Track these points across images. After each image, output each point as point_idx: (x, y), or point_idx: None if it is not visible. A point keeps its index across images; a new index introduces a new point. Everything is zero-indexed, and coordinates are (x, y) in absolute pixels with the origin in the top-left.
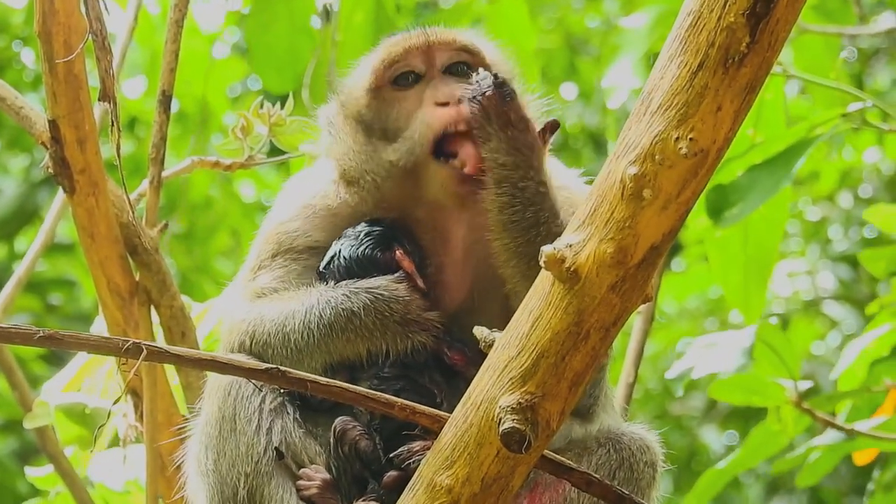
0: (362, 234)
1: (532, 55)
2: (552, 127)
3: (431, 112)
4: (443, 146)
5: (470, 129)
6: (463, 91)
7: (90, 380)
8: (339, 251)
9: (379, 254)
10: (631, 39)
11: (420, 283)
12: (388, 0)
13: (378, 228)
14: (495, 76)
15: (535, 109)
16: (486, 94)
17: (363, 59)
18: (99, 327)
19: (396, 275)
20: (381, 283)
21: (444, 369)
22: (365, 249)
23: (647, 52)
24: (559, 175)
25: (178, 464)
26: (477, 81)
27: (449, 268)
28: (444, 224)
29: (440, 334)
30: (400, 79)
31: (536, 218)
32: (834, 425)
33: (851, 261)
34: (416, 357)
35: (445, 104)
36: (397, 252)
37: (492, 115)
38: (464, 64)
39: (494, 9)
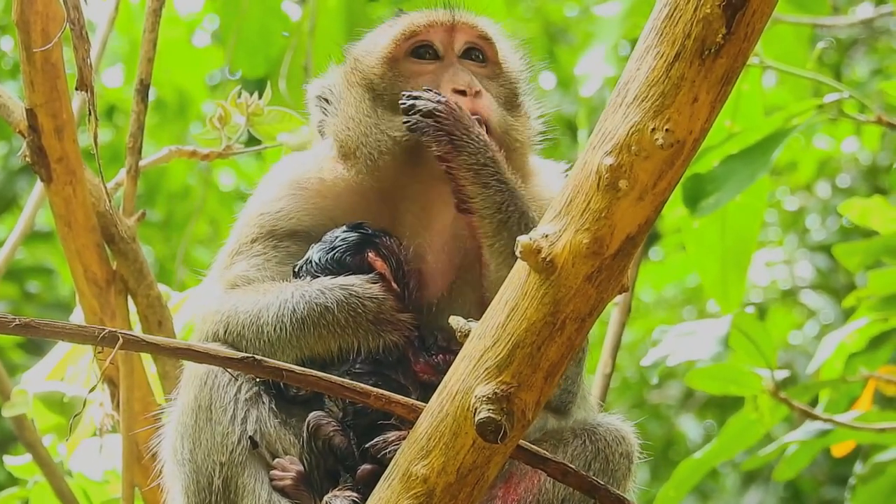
0: (336, 240)
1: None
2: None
3: (450, 97)
4: None
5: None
6: (413, 118)
7: (73, 369)
8: (311, 257)
9: (349, 258)
10: (604, 27)
11: (394, 285)
12: None
13: (353, 235)
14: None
15: (534, 106)
16: (438, 103)
17: (379, 29)
18: (78, 317)
19: (372, 275)
20: (356, 281)
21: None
22: (335, 254)
23: (620, 40)
24: (536, 166)
25: (153, 452)
26: (415, 106)
27: (431, 253)
28: (434, 204)
29: (412, 338)
30: (418, 51)
31: (524, 211)
32: (811, 415)
33: (829, 250)
34: (388, 355)
35: (462, 92)
36: (370, 254)
37: (454, 121)
38: (479, 52)
39: None
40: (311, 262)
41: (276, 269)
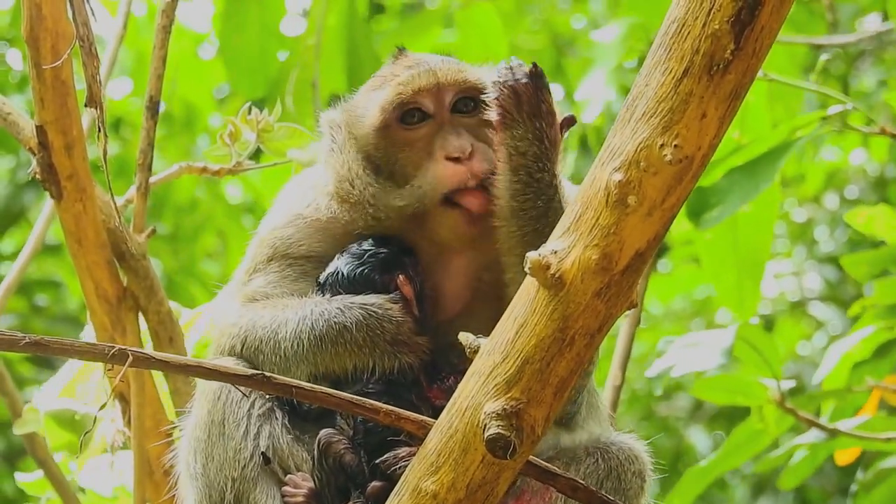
0: (366, 255)
1: (504, 57)
2: (569, 122)
3: (443, 168)
4: (451, 195)
5: (480, 182)
6: (497, 75)
7: (83, 386)
8: (340, 268)
9: (378, 277)
10: (602, 52)
11: (415, 310)
12: (360, 2)
13: (383, 251)
14: (534, 65)
15: None
16: (522, 81)
17: (371, 90)
18: (89, 334)
19: (392, 295)
20: (376, 300)
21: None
22: (364, 270)
23: (619, 64)
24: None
25: (166, 468)
26: (511, 68)
27: (443, 289)
28: (448, 257)
29: (427, 363)
30: (407, 116)
31: (546, 208)
32: (817, 424)
33: (837, 262)
34: (403, 377)
35: (457, 159)
36: (400, 277)
37: (523, 102)
38: (471, 100)
39: (466, 15)
40: (339, 273)
41: (293, 286)
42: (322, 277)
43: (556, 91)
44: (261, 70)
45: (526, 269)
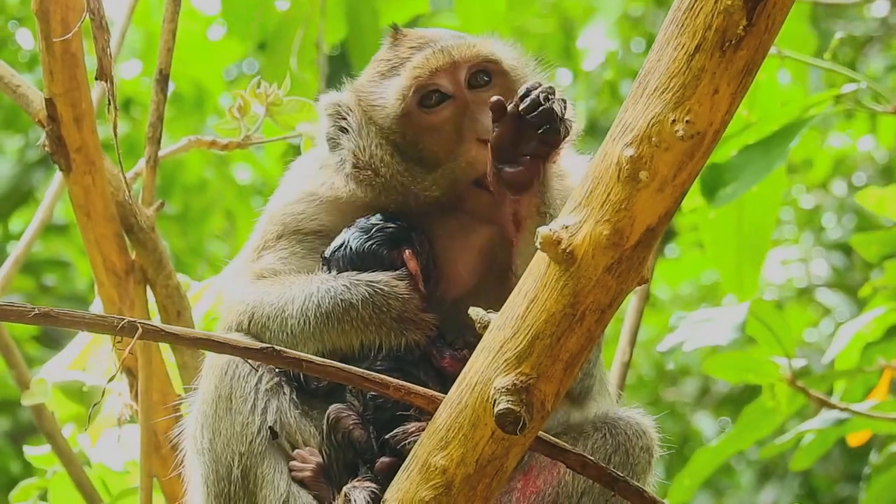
0: (374, 230)
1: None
2: None
3: (476, 151)
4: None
5: None
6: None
7: (94, 359)
8: (347, 242)
9: (385, 251)
10: (606, 2)
11: (422, 285)
12: None
13: (391, 226)
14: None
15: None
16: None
17: (381, 77)
18: (97, 307)
19: (399, 272)
20: (382, 277)
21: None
22: (372, 245)
23: (623, 15)
24: (568, 162)
25: (173, 442)
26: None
27: (457, 265)
28: (465, 234)
29: (434, 336)
30: (426, 99)
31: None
32: (828, 404)
33: (845, 248)
34: (410, 353)
35: (486, 141)
36: (406, 252)
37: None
38: (484, 73)
39: None
40: (348, 247)
41: (301, 262)
42: (328, 252)
43: (564, 76)
44: (257, 16)
45: (537, 244)
